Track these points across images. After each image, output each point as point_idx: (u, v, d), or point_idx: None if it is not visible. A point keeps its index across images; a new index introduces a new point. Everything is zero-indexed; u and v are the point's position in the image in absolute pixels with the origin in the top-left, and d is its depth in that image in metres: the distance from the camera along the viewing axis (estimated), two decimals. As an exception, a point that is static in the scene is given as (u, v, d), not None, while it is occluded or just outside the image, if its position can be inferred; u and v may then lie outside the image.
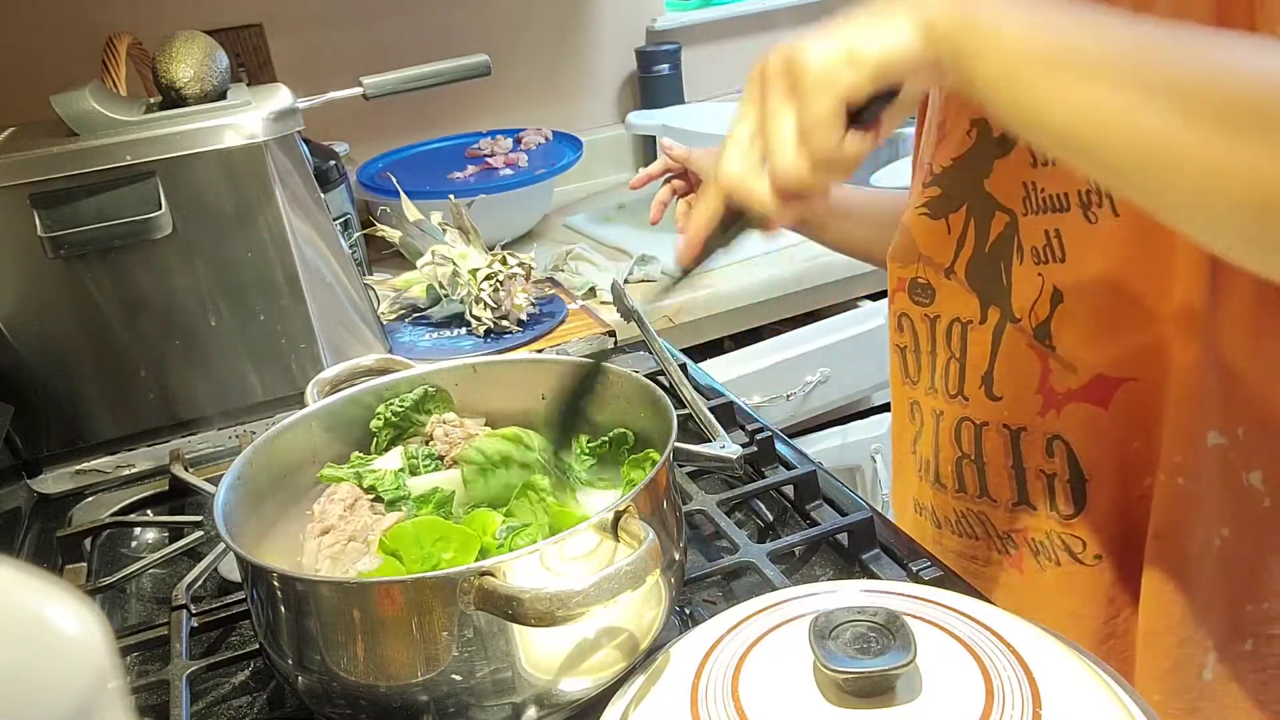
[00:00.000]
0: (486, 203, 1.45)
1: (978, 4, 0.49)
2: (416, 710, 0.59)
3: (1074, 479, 0.77)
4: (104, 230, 0.97)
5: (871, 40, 0.49)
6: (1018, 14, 0.48)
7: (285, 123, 1.02)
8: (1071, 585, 0.80)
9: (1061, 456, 0.77)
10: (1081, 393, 0.75)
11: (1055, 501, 0.79)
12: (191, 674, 0.71)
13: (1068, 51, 0.47)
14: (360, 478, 0.74)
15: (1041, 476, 0.79)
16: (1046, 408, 0.77)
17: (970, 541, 0.86)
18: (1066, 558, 0.80)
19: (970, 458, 0.83)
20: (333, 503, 0.72)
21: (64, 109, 0.96)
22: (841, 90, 0.49)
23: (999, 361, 0.79)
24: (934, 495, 0.88)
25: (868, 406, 1.67)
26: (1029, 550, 0.82)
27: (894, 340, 0.91)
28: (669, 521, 0.66)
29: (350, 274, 1.12)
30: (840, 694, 0.50)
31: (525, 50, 1.87)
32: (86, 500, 1.04)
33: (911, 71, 0.50)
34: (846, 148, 0.51)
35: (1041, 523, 0.80)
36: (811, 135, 0.50)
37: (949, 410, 0.84)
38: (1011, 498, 0.82)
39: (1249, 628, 0.72)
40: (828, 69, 0.49)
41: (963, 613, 0.57)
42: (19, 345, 1.00)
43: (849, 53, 0.49)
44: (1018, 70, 0.47)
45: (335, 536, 0.69)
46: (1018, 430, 0.79)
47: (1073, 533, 0.79)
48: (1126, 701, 0.53)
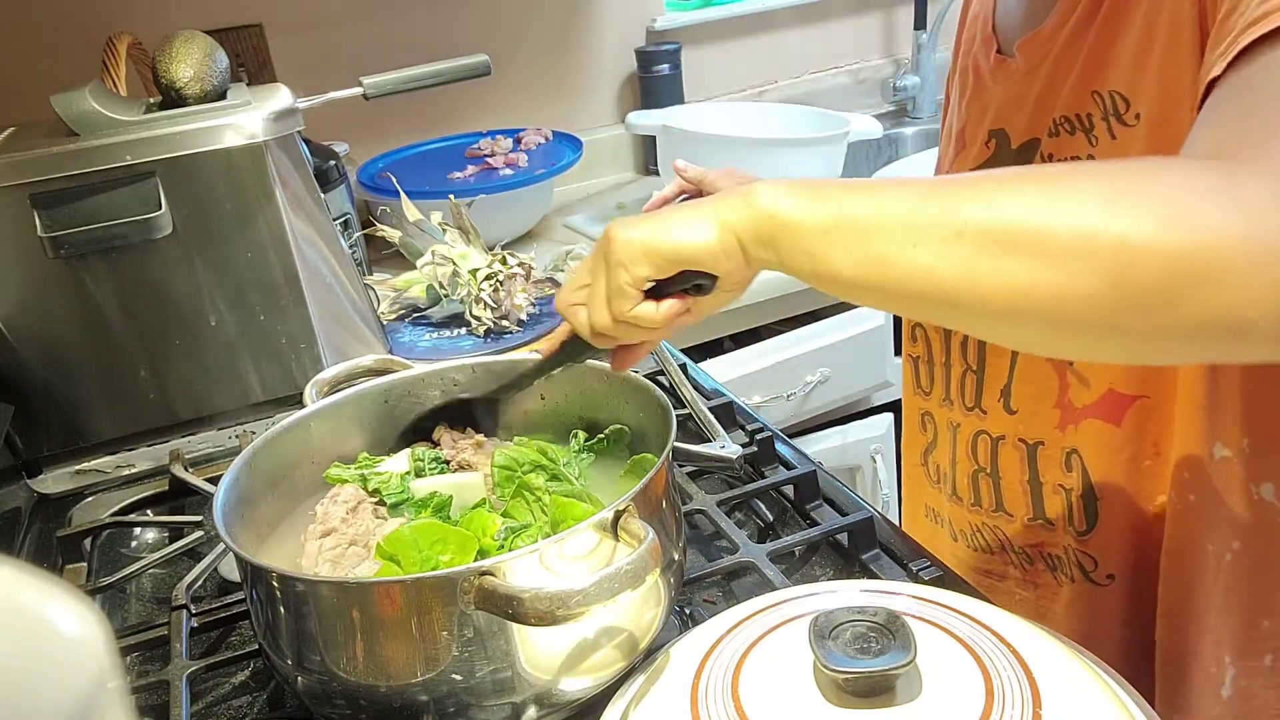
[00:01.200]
0: (486, 203, 1.45)
1: (770, 198, 0.55)
2: (416, 710, 0.59)
3: (1087, 495, 0.77)
4: (104, 230, 0.97)
5: (668, 236, 0.57)
6: (797, 200, 0.54)
7: (285, 123, 1.02)
8: (1088, 604, 0.80)
9: (1078, 472, 0.77)
10: (1095, 408, 0.75)
11: (1071, 517, 0.79)
12: (191, 674, 0.71)
13: (846, 220, 0.53)
14: (365, 480, 0.74)
15: (1060, 491, 0.79)
16: (1065, 422, 0.77)
17: (987, 555, 0.86)
18: (1080, 575, 0.80)
19: (986, 471, 0.83)
20: (336, 505, 0.72)
21: (64, 109, 0.96)
22: (633, 274, 0.58)
23: (1017, 375, 0.79)
24: (950, 508, 0.88)
25: (868, 406, 1.67)
26: (1045, 565, 0.82)
27: (907, 350, 0.91)
28: (668, 521, 0.66)
29: (350, 274, 1.12)
30: (840, 694, 0.50)
31: (525, 50, 1.87)
32: (86, 500, 1.04)
33: (707, 262, 0.57)
34: (636, 314, 0.59)
35: (1059, 537, 0.80)
36: (610, 300, 0.60)
37: (966, 423, 0.84)
38: (1027, 513, 0.81)
39: (1267, 642, 0.72)
40: (626, 255, 0.58)
41: (963, 613, 0.57)
42: (19, 345, 1.00)
43: (644, 245, 0.57)
44: (808, 245, 0.53)
45: (336, 540, 0.69)
46: (1035, 445, 0.79)
47: (1086, 550, 0.79)
48: (1126, 701, 0.53)
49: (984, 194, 0.49)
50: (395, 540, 0.64)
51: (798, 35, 2.10)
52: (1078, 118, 0.72)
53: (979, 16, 0.84)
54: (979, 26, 0.83)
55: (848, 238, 0.52)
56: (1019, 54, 0.76)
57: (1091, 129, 0.71)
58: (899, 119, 2.14)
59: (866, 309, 1.59)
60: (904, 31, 2.16)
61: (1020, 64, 0.76)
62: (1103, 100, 0.70)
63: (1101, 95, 0.70)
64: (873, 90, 2.19)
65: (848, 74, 2.17)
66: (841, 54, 2.16)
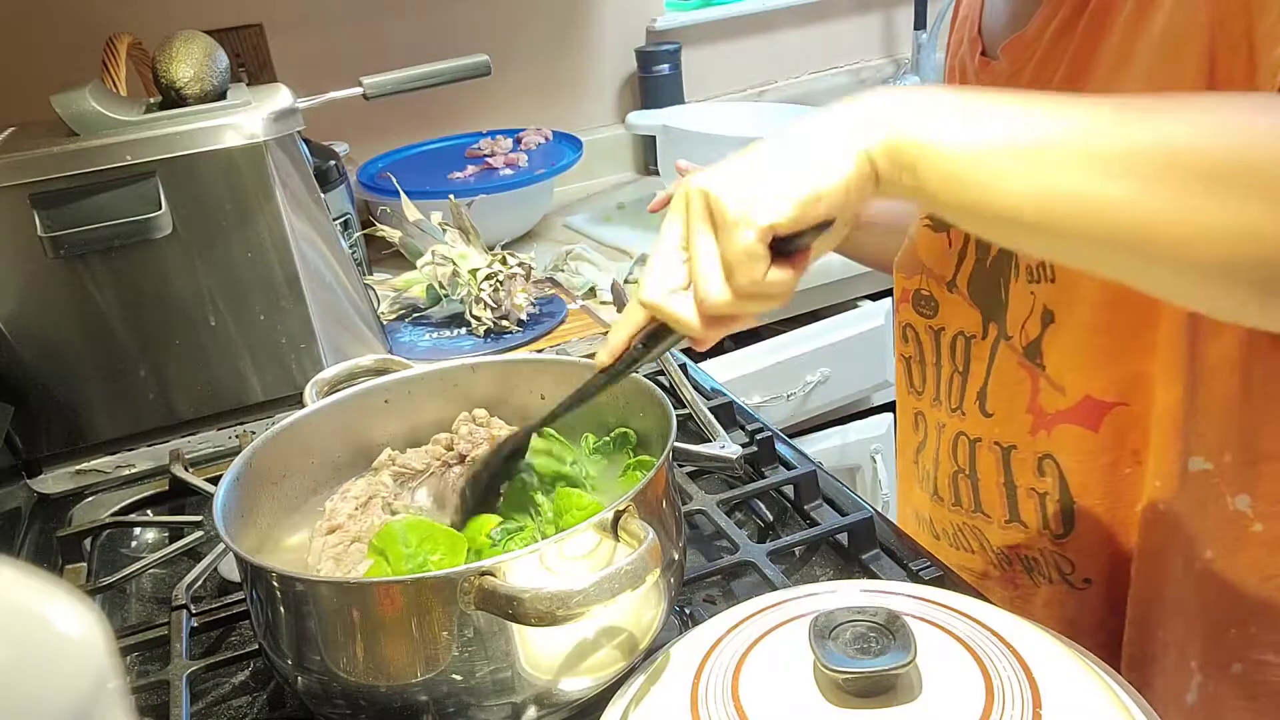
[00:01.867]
0: (486, 203, 1.45)
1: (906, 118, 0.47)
2: (416, 710, 0.59)
3: (1064, 500, 0.77)
4: (104, 230, 0.97)
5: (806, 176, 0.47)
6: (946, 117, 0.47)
7: (285, 123, 1.02)
8: (1064, 605, 0.80)
9: (1053, 476, 0.77)
10: (1071, 414, 0.74)
11: (1047, 520, 0.79)
12: (191, 674, 0.71)
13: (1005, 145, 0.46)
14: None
15: (1033, 495, 0.79)
16: (1037, 427, 0.76)
17: (967, 555, 0.86)
18: (1058, 576, 0.80)
19: (965, 472, 0.83)
20: (345, 501, 0.72)
21: (64, 109, 0.96)
22: (762, 230, 0.48)
23: (992, 378, 0.79)
24: (933, 507, 0.88)
25: (868, 406, 1.67)
26: (1023, 567, 0.82)
27: (899, 350, 0.91)
28: (669, 521, 0.66)
29: (350, 274, 1.12)
30: (840, 694, 0.50)
31: (525, 50, 1.87)
32: (86, 500, 1.04)
33: (852, 199, 0.48)
34: (771, 280, 0.49)
35: (1035, 540, 0.80)
36: (734, 270, 0.49)
37: (949, 424, 0.84)
38: (1003, 515, 0.82)
39: (1235, 652, 0.72)
40: (746, 209, 0.48)
41: (963, 613, 0.57)
42: (19, 345, 1.00)
43: (775, 193, 0.47)
44: (961, 173, 0.46)
45: (340, 536, 0.69)
46: (1008, 448, 0.79)
47: (1063, 553, 0.79)
48: (1126, 702, 0.53)
49: (1187, 124, 0.44)
50: (385, 535, 0.65)
51: (798, 35, 2.10)
52: None
53: (967, 18, 0.83)
54: (966, 28, 0.83)
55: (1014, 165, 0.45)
56: (1003, 56, 0.76)
57: None
58: (899, 119, 2.14)
59: (867, 308, 1.59)
60: (904, 31, 2.16)
61: (1004, 66, 0.76)
62: None
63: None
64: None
65: (848, 74, 2.17)
66: (841, 54, 2.16)
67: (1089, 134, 0.46)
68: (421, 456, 0.77)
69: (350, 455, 0.78)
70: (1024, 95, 0.49)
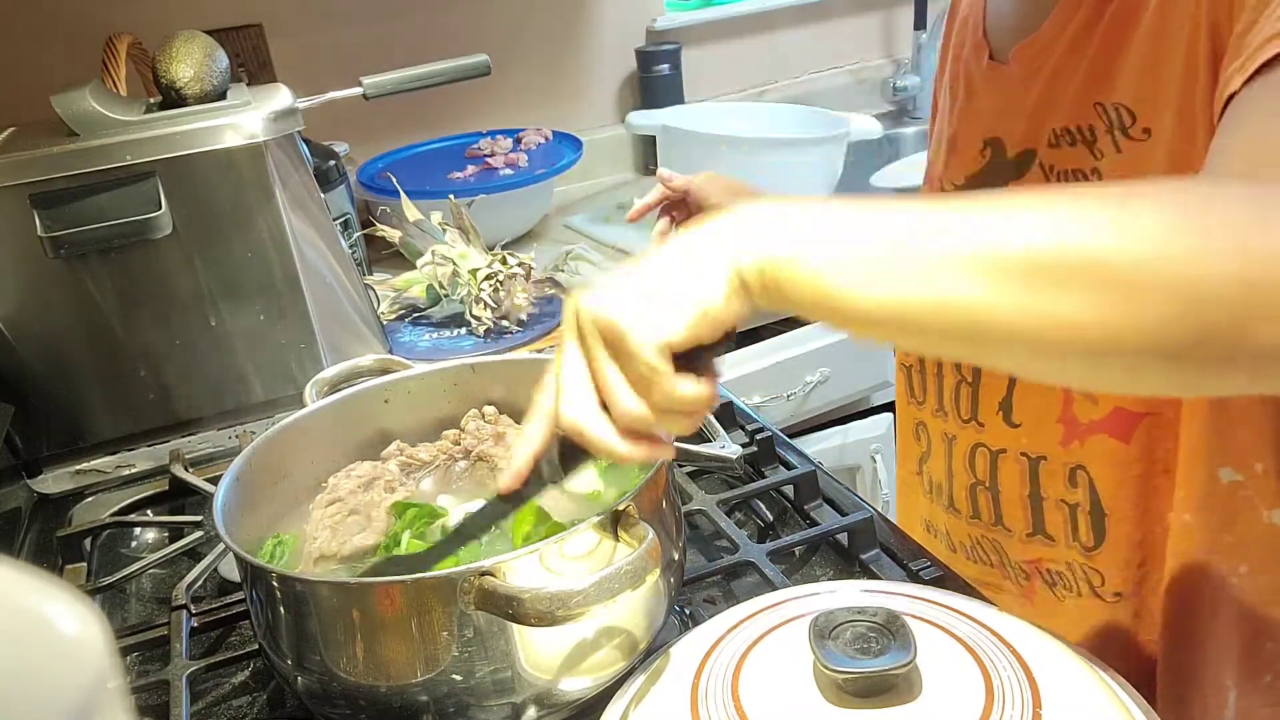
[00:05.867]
0: (486, 203, 1.45)
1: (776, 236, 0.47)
2: (416, 710, 0.59)
3: (1094, 511, 0.76)
4: (104, 230, 0.97)
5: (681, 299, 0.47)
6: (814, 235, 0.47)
7: (285, 123, 1.02)
8: (1091, 620, 0.79)
9: (1085, 487, 0.76)
10: (1103, 424, 0.74)
11: (1077, 532, 0.78)
12: (191, 674, 0.71)
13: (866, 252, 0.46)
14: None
15: (1062, 507, 0.78)
16: (1069, 438, 0.76)
17: (985, 568, 0.85)
18: (1087, 589, 0.79)
19: (985, 484, 0.82)
20: (349, 478, 0.72)
21: (64, 109, 0.96)
22: (659, 348, 0.47)
23: (1018, 388, 0.78)
24: (947, 519, 0.87)
25: (868, 406, 1.67)
26: (1043, 581, 0.81)
27: (900, 358, 0.90)
28: (669, 521, 0.66)
29: (350, 274, 1.12)
30: (840, 694, 0.50)
31: (525, 50, 1.87)
32: (86, 500, 1.04)
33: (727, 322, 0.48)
34: (685, 395, 0.48)
35: (1061, 553, 0.79)
36: (645, 390, 0.49)
37: (963, 435, 0.83)
38: (1026, 528, 0.81)
39: (1270, 664, 0.71)
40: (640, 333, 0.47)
41: (963, 613, 0.57)
42: (19, 345, 1.00)
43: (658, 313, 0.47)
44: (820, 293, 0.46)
45: (339, 508, 0.70)
46: (1037, 459, 0.78)
47: (1094, 565, 0.78)
48: (1126, 702, 0.53)
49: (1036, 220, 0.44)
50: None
51: (798, 35, 2.10)
52: (1079, 130, 0.70)
53: (968, 20, 0.82)
54: (969, 31, 0.81)
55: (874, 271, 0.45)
56: (1014, 61, 0.74)
57: (1095, 141, 0.69)
58: (899, 119, 2.14)
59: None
60: (904, 31, 2.16)
61: (1015, 71, 0.74)
62: (1106, 113, 0.68)
63: (1105, 108, 0.68)
64: (873, 90, 2.19)
65: (848, 74, 2.17)
66: (841, 54, 2.16)
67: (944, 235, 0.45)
68: (429, 449, 0.78)
69: (350, 455, 0.78)
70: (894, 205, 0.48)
